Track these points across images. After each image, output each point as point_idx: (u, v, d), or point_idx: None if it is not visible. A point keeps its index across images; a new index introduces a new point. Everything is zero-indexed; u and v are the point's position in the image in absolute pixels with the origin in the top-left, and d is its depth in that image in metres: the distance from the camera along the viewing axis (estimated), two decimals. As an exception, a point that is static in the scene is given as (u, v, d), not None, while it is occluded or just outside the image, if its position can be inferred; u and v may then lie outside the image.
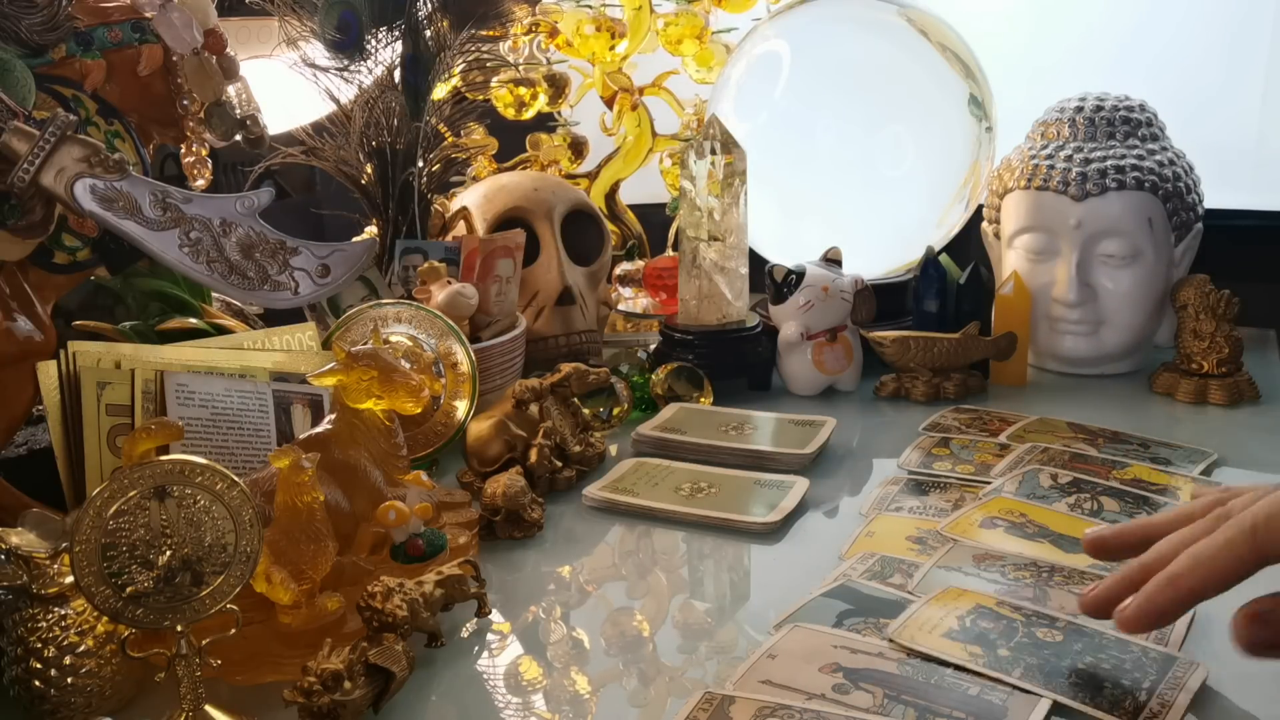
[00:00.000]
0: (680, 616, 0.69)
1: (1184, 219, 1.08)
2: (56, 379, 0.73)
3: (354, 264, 0.73)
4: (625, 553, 0.79)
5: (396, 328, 0.90)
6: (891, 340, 1.06)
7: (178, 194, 0.70)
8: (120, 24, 0.79)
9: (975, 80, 1.16)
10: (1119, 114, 1.10)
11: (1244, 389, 1.02)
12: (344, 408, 0.72)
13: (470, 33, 1.11)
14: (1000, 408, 1.01)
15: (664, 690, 0.61)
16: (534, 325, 1.10)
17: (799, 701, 0.55)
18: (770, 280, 1.08)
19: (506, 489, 0.78)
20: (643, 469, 0.89)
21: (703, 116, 1.34)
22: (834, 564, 0.72)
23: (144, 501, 0.53)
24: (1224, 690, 0.57)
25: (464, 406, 0.90)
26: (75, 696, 0.57)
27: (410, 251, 1.04)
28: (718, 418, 0.98)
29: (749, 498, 0.82)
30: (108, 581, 0.52)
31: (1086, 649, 0.59)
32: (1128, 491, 0.80)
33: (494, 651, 0.65)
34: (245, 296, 0.73)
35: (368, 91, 1.09)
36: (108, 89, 0.79)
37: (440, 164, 1.15)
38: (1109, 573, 0.68)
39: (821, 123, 1.15)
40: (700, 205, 1.07)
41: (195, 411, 0.76)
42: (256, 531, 0.55)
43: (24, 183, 0.66)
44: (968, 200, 1.19)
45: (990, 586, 0.67)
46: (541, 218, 1.14)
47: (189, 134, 0.88)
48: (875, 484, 0.86)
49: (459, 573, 0.65)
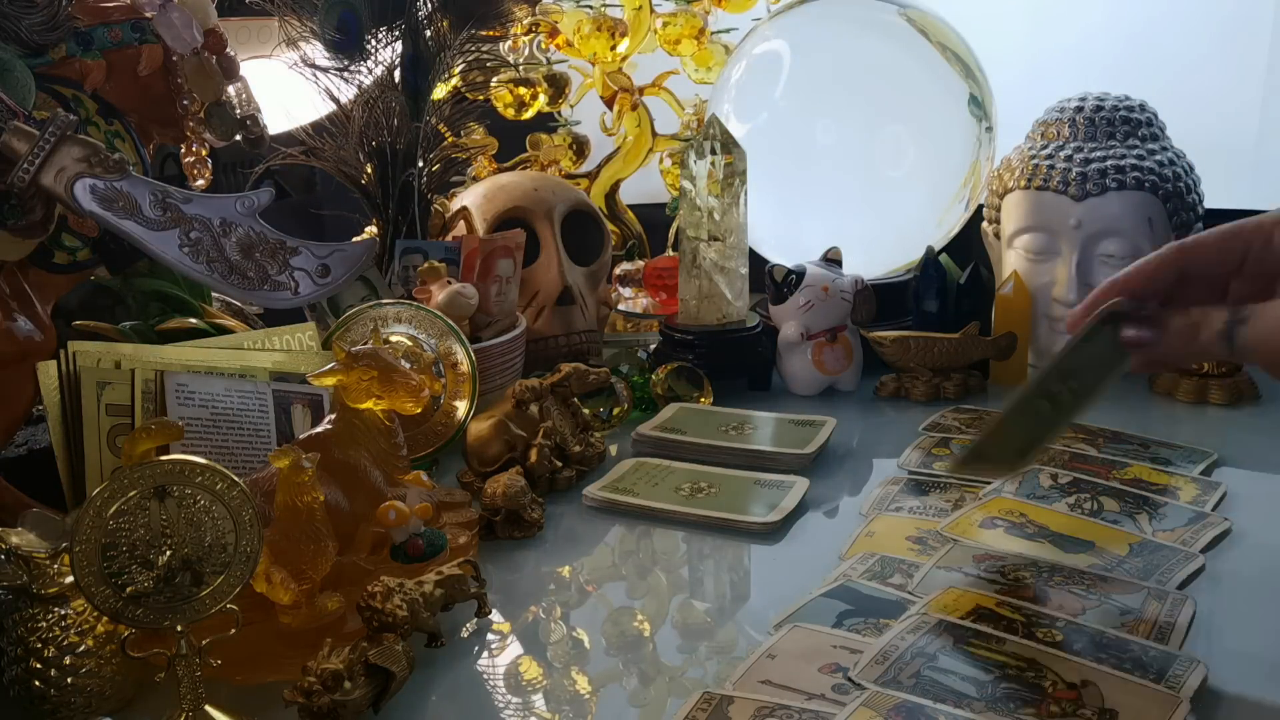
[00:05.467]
0: (680, 616, 0.69)
1: (1184, 219, 1.08)
2: (56, 379, 0.73)
3: (354, 264, 0.73)
4: (625, 553, 0.79)
5: (396, 328, 0.90)
6: (891, 340, 1.06)
7: (178, 194, 0.70)
8: (120, 24, 0.80)
9: (975, 80, 1.16)
10: (1119, 114, 1.10)
11: (1244, 389, 1.02)
12: (344, 408, 0.72)
13: (470, 33, 1.11)
14: (1000, 408, 1.01)
15: (664, 690, 0.61)
16: (534, 325, 1.10)
17: (798, 701, 0.55)
18: (770, 280, 1.08)
19: (506, 489, 0.78)
20: (643, 469, 0.89)
21: (703, 116, 1.34)
22: (834, 564, 0.72)
23: (144, 501, 0.53)
24: (1224, 690, 0.57)
25: (464, 406, 0.90)
26: (75, 696, 0.57)
27: (410, 251, 1.04)
28: (718, 418, 0.98)
29: (749, 498, 0.82)
30: (108, 581, 0.52)
31: (1086, 649, 0.59)
32: (1128, 491, 0.80)
33: (494, 651, 0.65)
34: (245, 296, 0.74)
35: (368, 91, 1.09)
36: (108, 89, 0.79)
37: (440, 164, 1.15)
38: (1110, 573, 0.68)
39: (821, 123, 1.15)
40: (700, 205, 1.07)
41: (195, 411, 0.76)
42: (256, 531, 0.55)
43: (24, 183, 0.66)
44: (968, 200, 1.19)
45: (990, 587, 0.67)
46: (541, 218, 1.14)
47: (189, 134, 0.88)
48: (875, 484, 0.85)
49: (459, 573, 0.65)
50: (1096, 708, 0.54)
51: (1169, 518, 0.77)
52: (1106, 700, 0.54)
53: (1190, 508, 0.78)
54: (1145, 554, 0.71)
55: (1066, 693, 0.55)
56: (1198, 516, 0.77)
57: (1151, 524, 0.76)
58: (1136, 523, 0.76)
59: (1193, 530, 0.74)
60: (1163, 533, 0.74)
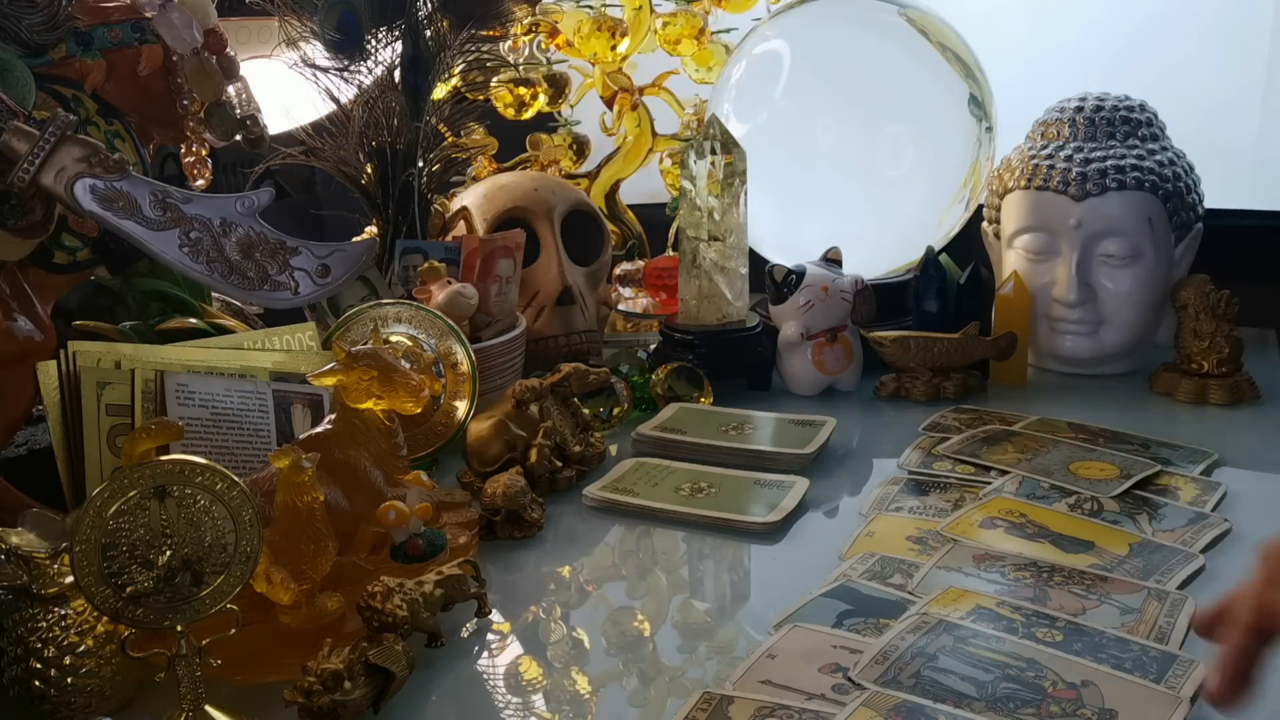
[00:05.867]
0: (680, 616, 0.69)
1: (1184, 219, 1.08)
2: (56, 379, 0.73)
3: (354, 264, 0.73)
4: (625, 553, 0.79)
5: (396, 328, 0.90)
6: (891, 340, 1.06)
7: (178, 194, 0.70)
8: (120, 24, 0.80)
9: (975, 80, 1.16)
10: (1119, 114, 1.10)
11: (1244, 389, 1.02)
12: (344, 408, 0.72)
13: (470, 33, 1.11)
14: (1000, 408, 1.01)
15: (664, 690, 0.61)
16: (534, 325, 1.10)
17: (798, 701, 0.55)
18: (770, 280, 1.08)
19: (506, 489, 0.78)
20: (643, 469, 0.89)
21: (703, 116, 1.34)
22: (834, 564, 0.72)
23: (144, 501, 0.53)
24: (1224, 690, 0.56)
25: (464, 406, 0.90)
26: (75, 696, 0.57)
27: (410, 251, 1.04)
28: (718, 418, 0.98)
29: (749, 498, 0.82)
30: (108, 581, 0.52)
31: (1086, 649, 0.59)
32: (1128, 492, 0.80)
33: (494, 651, 0.65)
34: (245, 296, 0.74)
35: (368, 91, 1.09)
36: (108, 89, 0.79)
37: (440, 164, 1.15)
38: (1110, 573, 0.68)
39: (821, 123, 1.15)
40: (700, 205, 1.07)
41: (195, 411, 0.76)
42: (256, 531, 0.55)
43: (24, 183, 0.66)
44: (968, 200, 1.19)
45: (990, 587, 0.67)
46: (541, 218, 1.14)
47: (189, 134, 0.88)
48: (875, 484, 0.85)
49: (459, 573, 0.65)
50: (1096, 708, 0.54)
51: (1169, 518, 0.77)
52: (1106, 700, 0.54)
53: (1190, 508, 0.78)
54: (1145, 554, 0.71)
55: (1066, 693, 0.55)
56: (1198, 517, 0.77)
57: (1151, 524, 0.76)
58: (1136, 523, 0.76)
59: (1193, 530, 0.74)
60: (1163, 533, 0.74)
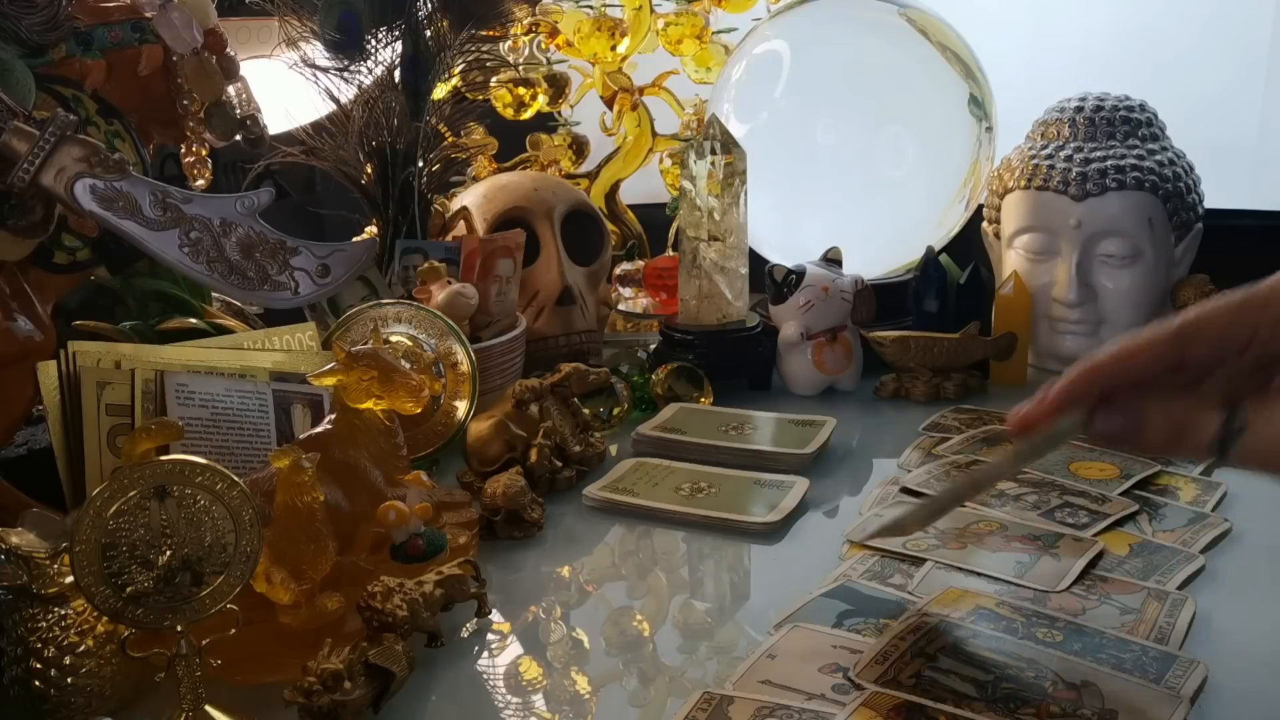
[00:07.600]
0: (680, 616, 0.69)
1: (1184, 219, 1.08)
2: (56, 379, 0.73)
3: (354, 264, 0.73)
4: (625, 553, 0.79)
5: (396, 328, 0.90)
6: (891, 340, 1.06)
7: (178, 194, 0.70)
8: (120, 24, 0.80)
9: (975, 80, 1.16)
10: (1119, 114, 1.10)
11: (1244, 389, 1.02)
12: (344, 408, 0.72)
13: (470, 33, 1.11)
14: (1000, 408, 1.01)
15: (664, 690, 0.61)
16: (534, 325, 1.10)
17: (798, 701, 0.55)
18: (770, 280, 1.08)
19: (506, 489, 0.78)
20: (643, 469, 0.89)
21: (703, 116, 1.34)
22: (834, 564, 0.72)
23: (144, 501, 0.53)
24: (1224, 690, 0.56)
25: (464, 406, 0.90)
26: (75, 696, 0.57)
27: (410, 251, 1.04)
28: (718, 418, 0.98)
29: (749, 498, 0.82)
30: (108, 581, 0.52)
31: (1086, 649, 0.59)
32: (1128, 491, 0.80)
33: (494, 651, 0.65)
34: (245, 296, 0.74)
35: (368, 91, 1.09)
36: (108, 89, 0.79)
37: (440, 164, 1.15)
38: (1110, 573, 0.68)
39: (821, 123, 1.15)
40: (700, 205, 1.07)
41: (195, 411, 0.76)
42: (256, 531, 0.55)
43: (24, 183, 0.66)
44: (968, 200, 1.19)
45: (990, 586, 0.67)
46: (541, 218, 1.14)
47: (189, 134, 0.88)
48: (875, 484, 0.85)
49: (459, 573, 0.65)
50: (1096, 708, 0.54)
51: (1169, 518, 0.77)
52: (1106, 700, 0.54)
53: (1190, 508, 0.78)
54: (1145, 554, 0.71)
55: (1066, 693, 0.55)
56: (1198, 517, 0.77)
57: (1151, 524, 0.76)
58: (1136, 523, 0.76)
59: (1193, 530, 0.74)
60: (1163, 533, 0.74)
